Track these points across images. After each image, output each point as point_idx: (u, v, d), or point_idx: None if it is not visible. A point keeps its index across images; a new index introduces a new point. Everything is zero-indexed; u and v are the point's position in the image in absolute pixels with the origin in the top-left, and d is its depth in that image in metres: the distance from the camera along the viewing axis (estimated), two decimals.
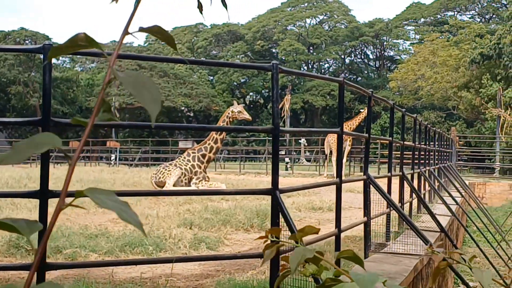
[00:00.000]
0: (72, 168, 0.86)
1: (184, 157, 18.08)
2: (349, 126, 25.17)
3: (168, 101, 59.76)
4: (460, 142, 39.01)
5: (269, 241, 1.48)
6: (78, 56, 66.75)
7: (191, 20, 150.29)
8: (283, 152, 42.02)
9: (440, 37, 59.03)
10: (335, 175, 6.59)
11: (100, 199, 0.85)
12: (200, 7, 1.27)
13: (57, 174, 17.75)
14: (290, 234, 4.84)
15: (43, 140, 0.87)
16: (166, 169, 17.76)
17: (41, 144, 0.86)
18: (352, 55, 76.37)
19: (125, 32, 0.92)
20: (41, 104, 4.21)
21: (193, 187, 17.48)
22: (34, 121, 4.18)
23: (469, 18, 68.58)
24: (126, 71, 0.88)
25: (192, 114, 68.69)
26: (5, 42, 58.02)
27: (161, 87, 60.35)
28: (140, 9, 0.97)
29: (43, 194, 3.86)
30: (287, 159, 36.92)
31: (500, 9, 65.46)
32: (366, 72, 74.98)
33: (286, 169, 34.16)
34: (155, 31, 0.96)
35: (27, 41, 59.66)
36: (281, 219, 4.81)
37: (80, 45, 0.90)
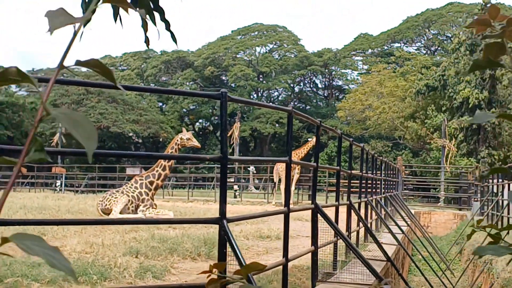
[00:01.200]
0: (6, 195, 0.82)
1: (132, 184, 17.83)
2: (298, 154, 25.33)
3: (115, 127, 59.14)
4: (406, 172, 39.64)
5: (212, 276, 1.44)
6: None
7: (141, 46, 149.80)
8: (232, 180, 41.96)
9: (387, 68, 60.29)
10: (283, 203, 6.60)
11: (27, 245, 0.81)
12: (147, 41, 1.24)
13: None
14: (237, 263, 4.81)
15: None
16: (112, 196, 17.47)
17: None
18: (301, 84, 77.20)
19: (61, 66, 0.89)
20: None
21: (140, 215, 17.23)
22: None
23: (415, 50, 70.28)
24: (60, 108, 0.85)
25: (140, 141, 68.08)
26: None
27: (109, 112, 59.70)
28: (89, 34, 0.94)
29: None
30: (235, 187, 36.85)
31: (445, 41, 67.31)
32: (314, 101, 75.79)
33: (235, 197, 34.06)
34: (92, 65, 0.92)
35: None
36: (228, 248, 4.77)
37: (11, 79, 0.87)
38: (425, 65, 54.29)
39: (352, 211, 10.28)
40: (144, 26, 1.71)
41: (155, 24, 1.74)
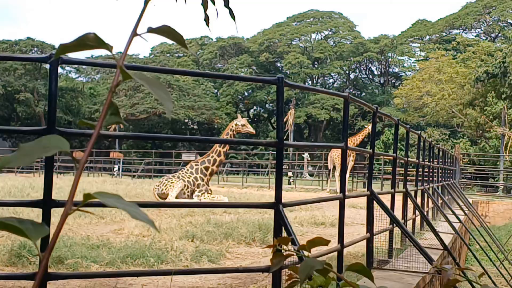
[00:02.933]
0: (80, 172, 0.84)
1: (187, 170, 18.04)
2: (353, 141, 25.13)
3: (171, 113, 59.82)
4: (464, 160, 38.93)
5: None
6: (83, 67, 67.15)
7: (197, 32, 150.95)
8: (286, 166, 41.99)
9: (446, 55, 59.10)
10: (338, 190, 6.56)
11: (110, 201, 0.83)
12: (206, 19, 1.25)
13: (60, 184, 17.73)
14: (293, 248, 4.82)
15: (50, 143, 0.85)
16: (168, 181, 17.72)
17: (48, 147, 0.85)
18: (357, 71, 76.48)
19: (134, 33, 0.90)
20: (46, 113, 4.20)
21: (195, 200, 17.44)
22: (39, 130, 4.16)
23: (475, 36, 68.66)
24: (136, 72, 0.87)
25: (196, 127, 68.79)
26: (12, 51, 58.27)
27: None
28: (144, 20, 0.95)
29: (46, 203, 3.84)
30: (290, 173, 36.86)
31: (505, 28, 65.55)
32: (370, 88, 75.04)
33: (289, 183, 34.08)
34: (164, 31, 0.94)
35: (33, 51, 59.90)
36: (284, 234, 4.78)
37: (89, 44, 0.89)
38: (488, 52, 52.95)
39: (408, 199, 10.17)
40: (204, 4, 1.72)
41: (214, 3, 1.75)
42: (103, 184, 25.02)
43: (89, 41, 0.87)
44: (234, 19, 2.07)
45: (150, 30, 0.94)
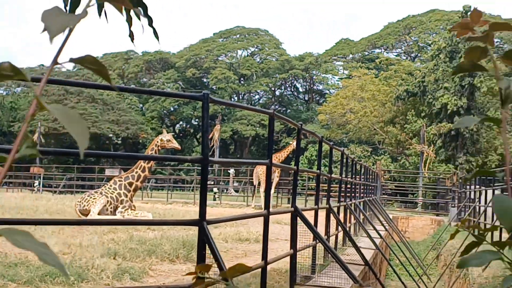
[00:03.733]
0: None
1: (111, 185, 17.73)
2: (278, 157, 25.35)
3: (95, 128, 58.79)
4: (385, 176, 39.86)
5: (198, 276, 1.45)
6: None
7: (122, 46, 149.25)
8: (211, 182, 41.82)
9: (368, 73, 60.61)
10: (263, 206, 6.60)
11: (18, 240, 0.81)
12: (131, 35, 1.24)
13: None
14: (216, 265, 4.81)
15: None
16: (91, 197, 17.35)
17: None
18: (282, 88, 77.31)
19: (54, 62, 0.89)
20: None
21: (118, 216, 17.15)
22: None
23: (396, 56, 70.74)
24: (53, 105, 0.85)
25: (120, 141, 67.82)
26: None
27: (88, 113, 59.36)
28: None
29: None
30: (215, 189, 36.79)
31: (424, 48, 67.86)
32: (295, 104, 75.97)
33: (214, 199, 34.00)
34: (87, 61, 0.92)
35: None
36: (208, 251, 4.77)
37: (4, 74, 0.86)
38: (408, 71, 54.64)
39: (331, 214, 10.32)
40: (129, 21, 1.71)
41: (139, 18, 1.74)
42: (23, 200, 24.28)
43: (5, 70, 0.85)
44: (158, 39, 2.07)
45: (72, 60, 0.92)
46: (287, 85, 77.42)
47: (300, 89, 78.15)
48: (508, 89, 1.22)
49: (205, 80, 73.76)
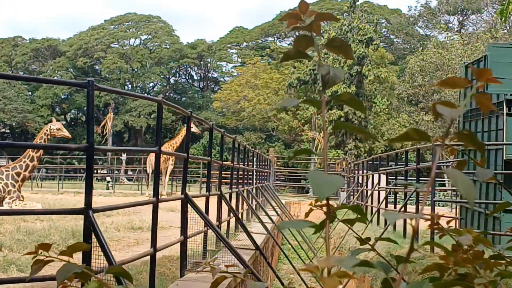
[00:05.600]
0: None
1: None
2: (172, 145, 25.27)
3: None
4: (278, 163, 40.59)
5: (38, 257, 1.49)
6: None
7: (9, 32, 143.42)
8: (105, 171, 41.13)
9: (261, 61, 61.33)
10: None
11: None
12: None
13: None
14: (103, 254, 4.79)
15: None
16: None
17: None
18: (177, 75, 76.81)
19: None
20: None
21: (6, 207, 16.58)
22: None
23: (288, 44, 71.91)
24: None
25: (8, 130, 65.29)
26: None
27: None
28: None
29: None
30: (108, 178, 36.20)
31: (316, 37, 69.35)
32: (190, 92, 75.69)
33: (107, 189, 33.45)
34: None
35: None
36: (94, 239, 4.74)
37: None
38: (299, 59, 55.68)
39: (223, 201, 10.45)
40: None
41: None
42: None
43: None
44: None
45: None
46: (182, 73, 77.00)
47: (195, 77, 77.98)
48: (328, 75, 1.33)
49: (97, 67, 72.03)
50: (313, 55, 35.05)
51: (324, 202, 1.32)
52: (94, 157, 5.08)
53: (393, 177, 17.08)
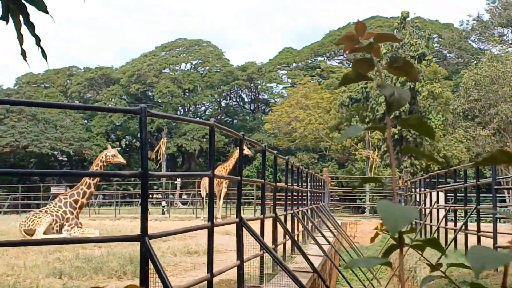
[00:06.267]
0: None
1: (55, 203, 17.42)
2: (226, 168, 25.29)
3: (34, 146, 57.58)
4: (332, 183, 40.26)
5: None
6: None
7: (62, 63, 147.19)
8: (160, 196, 41.54)
9: (311, 81, 61.21)
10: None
11: None
12: (23, 54, 1.22)
13: None
14: (160, 280, 4.76)
15: None
16: (36, 216, 17.00)
17: None
18: (228, 98, 77.34)
19: None
20: None
21: (65, 234, 16.84)
22: None
23: (338, 63, 71.65)
24: None
25: (65, 158, 66.71)
26: None
27: (29, 131, 58.20)
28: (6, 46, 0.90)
29: None
30: (163, 203, 36.51)
31: (366, 55, 68.87)
32: (241, 114, 76.06)
33: (163, 213, 33.73)
34: None
35: None
36: (151, 265, 4.72)
37: None
38: None
39: (278, 223, 10.35)
40: (20, 39, 1.69)
41: (37, 39, 1.72)
42: None
43: None
44: (46, 59, 2.04)
45: None
46: (232, 96, 77.49)
47: (246, 99, 78.35)
48: (392, 97, 1.24)
49: (150, 93, 73.14)
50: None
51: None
52: (150, 182, 5.08)
53: (452, 195, 16.66)
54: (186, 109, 73.53)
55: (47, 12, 1.86)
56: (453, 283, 1.58)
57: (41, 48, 1.95)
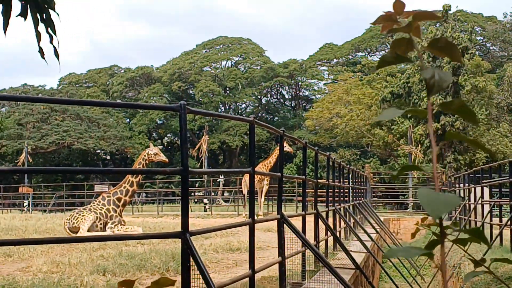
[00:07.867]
0: None
1: (99, 201, 17.66)
2: (266, 165, 25.27)
3: (79, 144, 58.52)
4: (374, 179, 39.90)
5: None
6: None
7: (104, 62, 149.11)
8: (201, 193, 41.79)
9: (353, 77, 60.76)
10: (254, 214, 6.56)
11: None
12: (41, 52, 1.21)
13: None
14: (201, 277, 4.76)
15: None
16: (80, 214, 17.27)
17: None
18: (268, 95, 77.28)
19: None
20: None
21: (108, 232, 17.07)
22: None
23: (379, 58, 70.94)
24: None
25: (108, 157, 67.63)
26: None
27: (73, 130, 59.17)
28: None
29: None
30: (205, 200, 36.68)
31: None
32: (282, 112, 75.96)
33: (205, 210, 33.89)
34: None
35: None
36: (192, 262, 4.72)
37: None
38: (390, 73, 54.82)
39: (319, 220, 10.29)
40: (38, 36, 1.68)
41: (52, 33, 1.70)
42: (12, 220, 24.15)
43: None
44: (58, 58, 2.04)
45: None
46: (273, 93, 77.40)
47: (286, 96, 78.20)
48: (433, 79, 1.19)
49: (190, 92, 73.59)
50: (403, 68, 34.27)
51: (430, 219, 1.17)
52: (192, 180, 5.08)
53: (497, 190, 16.35)
54: (227, 107, 73.78)
55: (54, 10, 1.85)
56: (498, 279, 1.53)
57: (54, 47, 1.95)
